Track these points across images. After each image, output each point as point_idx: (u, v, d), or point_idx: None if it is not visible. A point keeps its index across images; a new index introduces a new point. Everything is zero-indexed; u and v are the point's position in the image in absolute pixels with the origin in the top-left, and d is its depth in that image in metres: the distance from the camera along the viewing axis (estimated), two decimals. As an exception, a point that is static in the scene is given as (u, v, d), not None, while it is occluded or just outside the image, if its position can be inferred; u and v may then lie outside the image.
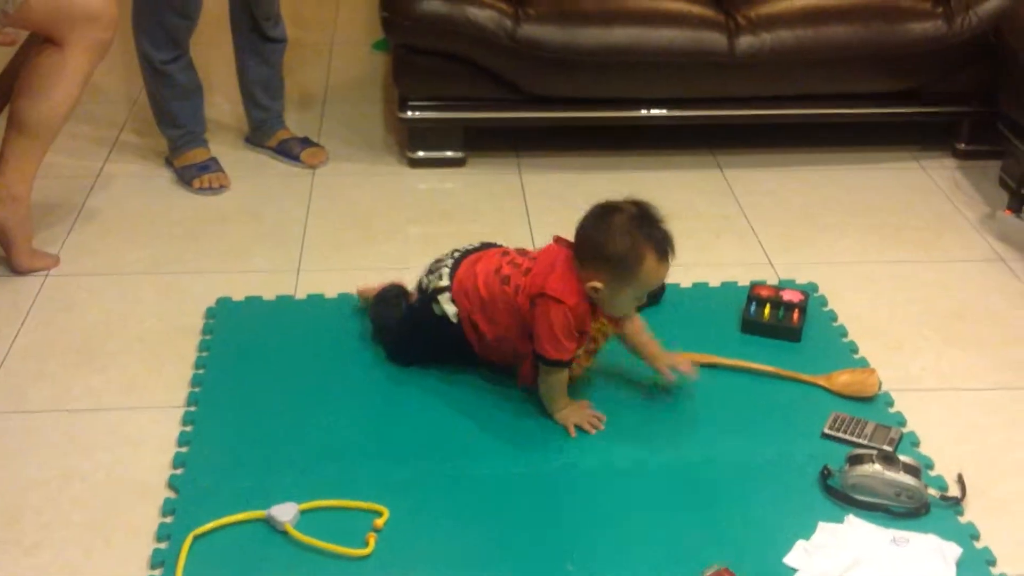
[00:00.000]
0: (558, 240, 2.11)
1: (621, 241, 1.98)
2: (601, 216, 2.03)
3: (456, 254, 2.22)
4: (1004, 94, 2.99)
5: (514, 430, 2.11)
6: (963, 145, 3.20)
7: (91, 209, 2.88)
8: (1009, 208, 2.91)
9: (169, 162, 3.07)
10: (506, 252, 2.19)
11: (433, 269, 2.22)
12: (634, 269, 1.99)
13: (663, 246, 2.01)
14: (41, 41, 2.50)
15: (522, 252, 2.19)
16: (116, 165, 3.11)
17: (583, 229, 2.04)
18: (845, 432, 2.09)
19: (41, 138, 2.53)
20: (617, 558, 1.84)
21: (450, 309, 2.15)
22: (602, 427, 2.11)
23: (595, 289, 2.01)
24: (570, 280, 2.03)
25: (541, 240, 2.76)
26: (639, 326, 2.18)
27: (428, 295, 2.19)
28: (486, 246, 2.26)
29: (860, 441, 2.07)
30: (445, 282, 2.16)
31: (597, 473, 2.02)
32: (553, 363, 2.06)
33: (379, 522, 1.88)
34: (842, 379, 2.24)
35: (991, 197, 3.01)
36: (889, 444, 2.05)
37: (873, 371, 2.25)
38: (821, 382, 2.24)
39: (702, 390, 2.22)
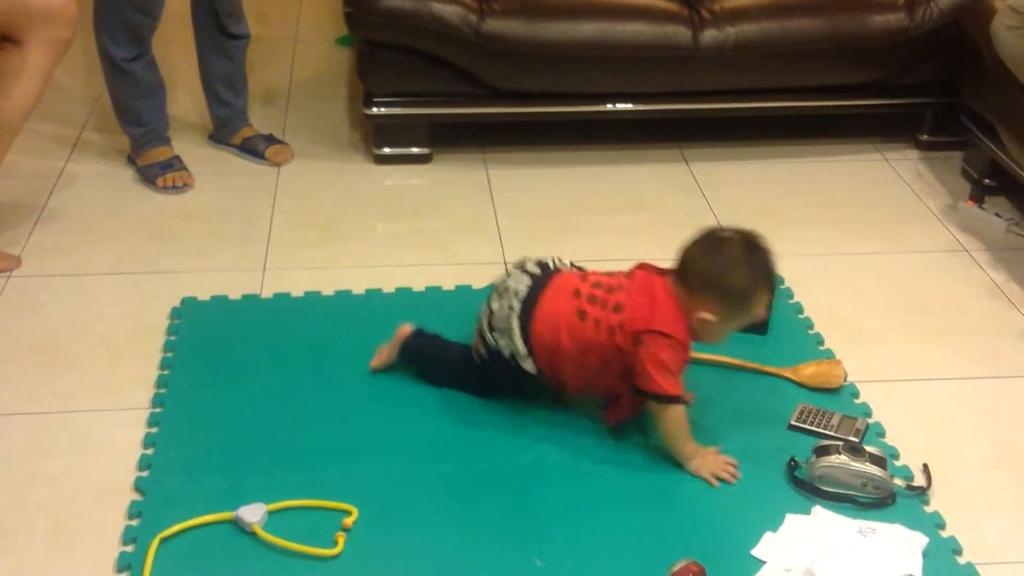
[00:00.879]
0: (645, 267, 2.05)
1: (741, 274, 1.93)
2: (714, 246, 1.96)
3: (516, 299, 2.03)
4: (966, 85, 3.02)
5: (482, 427, 2.11)
6: (926, 136, 3.22)
7: (53, 209, 2.85)
8: (971, 199, 2.93)
9: (132, 161, 3.04)
10: (576, 287, 2.03)
11: (497, 325, 2.05)
12: (750, 301, 1.96)
13: (775, 278, 1.99)
14: (0, 40, 2.47)
15: (596, 283, 2.04)
16: (78, 164, 3.08)
17: (695, 259, 1.96)
18: (812, 424, 2.10)
19: (1, 137, 2.50)
20: (585, 553, 1.84)
21: (532, 367, 2.03)
22: (739, 475, 2.00)
23: (702, 320, 1.95)
24: (676, 312, 1.95)
25: (509, 235, 2.77)
26: None
27: (504, 358, 2.05)
28: (540, 275, 2.07)
29: (826, 432, 2.08)
30: (521, 347, 2.02)
31: (564, 468, 2.02)
32: (671, 399, 1.96)
33: (348, 521, 1.87)
34: (808, 371, 2.25)
35: (954, 188, 3.03)
36: (855, 435, 2.07)
37: (839, 362, 2.26)
38: (787, 374, 2.25)
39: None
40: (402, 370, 2.24)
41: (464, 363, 2.15)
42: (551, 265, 2.11)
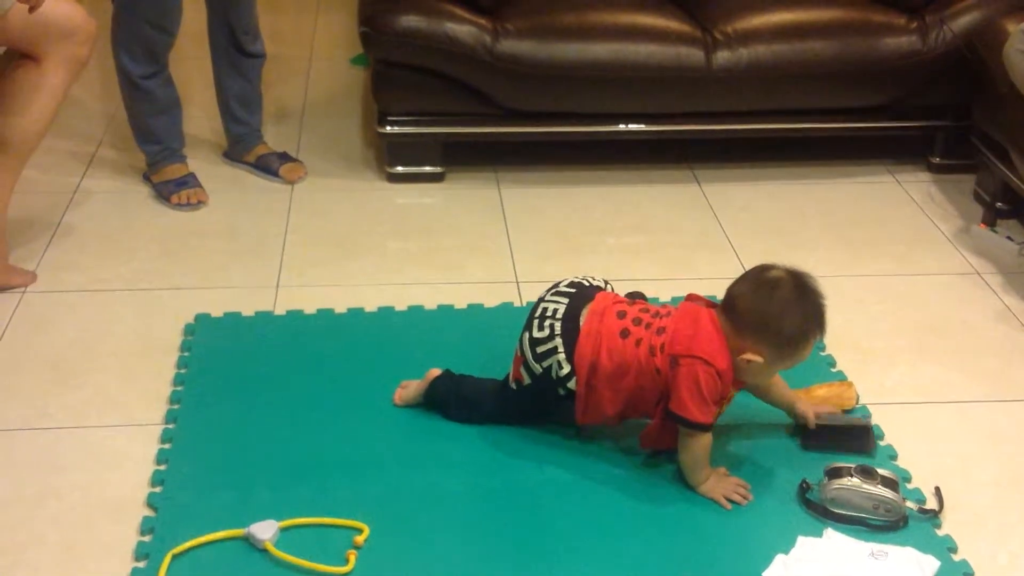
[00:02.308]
0: (694, 298, 2.03)
1: (793, 320, 1.90)
2: (765, 287, 1.92)
3: (557, 320, 2.02)
4: (978, 108, 3.02)
5: (492, 446, 2.11)
6: (938, 159, 3.23)
7: (68, 225, 2.87)
8: (984, 222, 2.93)
9: (147, 178, 3.06)
10: (621, 309, 2.02)
11: (539, 347, 2.02)
12: (799, 347, 1.94)
13: (825, 321, 1.94)
14: (18, 56, 2.49)
15: (643, 309, 2.03)
16: (94, 181, 3.10)
17: (745, 300, 1.92)
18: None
19: (18, 154, 2.52)
20: (594, 572, 1.84)
21: (573, 386, 2.01)
22: (751, 496, 2.00)
23: (750, 361, 1.92)
24: (719, 343, 1.93)
25: (521, 254, 2.77)
26: (778, 378, 2.12)
27: (551, 382, 2.02)
28: (584, 289, 2.07)
29: (837, 423, 2.12)
30: (566, 366, 2.00)
31: (575, 488, 2.02)
32: (698, 426, 1.94)
33: (359, 539, 1.87)
34: (820, 393, 2.25)
35: (966, 211, 3.03)
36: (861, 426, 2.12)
37: (851, 384, 2.26)
38: (800, 396, 2.25)
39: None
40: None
41: (500, 393, 2.13)
42: (585, 283, 2.11)
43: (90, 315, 2.51)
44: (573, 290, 2.08)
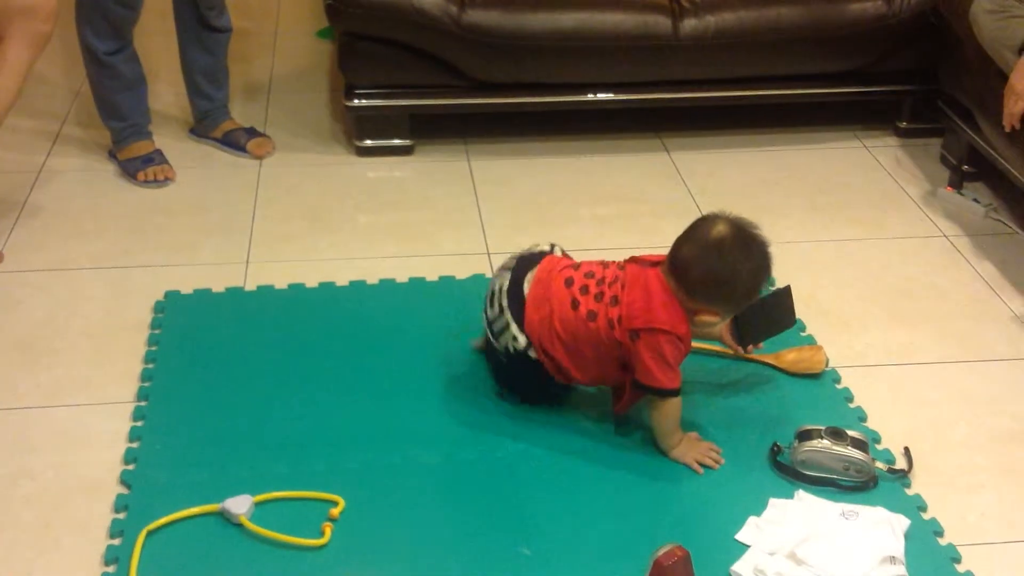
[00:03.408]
0: (636, 260, 2.02)
1: (745, 279, 1.91)
2: (712, 248, 1.91)
3: (503, 294, 2.03)
4: (944, 72, 3.04)
5: (466, 417, 2.12)
6: (905, 124, 3.24)
7: (34, 204, 2.85)
8: (950, 185, 2.96)
9: (113, 155, 3.03)
10: (568, 275, 2.02)
11: (494, 325, 2.05)
12: (752, 297, 1.96)
13: (771, 266, 1.95)
14: (-22, 34, 2.47)
15: (589, 273, 2.02)
16: (59, 159, 3.08)
17: (694, 263, 1.91)
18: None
19: (-19, 133, 2.50)
20: (571, 540, 1.85)
21: (534, 356, 2.02)
22: (723, 460, 2.01)
23: (705, 322, 1.95)
24: (674, 308, 1.93)
25: (492, 226, 2.77)
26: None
27: (516, 355, 2.03)
28: (527, 259, 2.08)
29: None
30: (522, 339, 2.01)
31: (549, 458, 2.03)
32: (668, 392, 1.96)
33: (335, 512, 1.88)
34: (790, 356, 2.27)
35: (933, 174, 3.05)
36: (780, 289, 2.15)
37: (820, 348, 2.28)
38: (769, 360, 2.27)
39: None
40: (388, 361, 2.24)
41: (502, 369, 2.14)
42: (532, 252, 2.11)
43: (59, 294, 2.49)
44: (514, 263, 2.08)
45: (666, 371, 1.95)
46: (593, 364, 2.03)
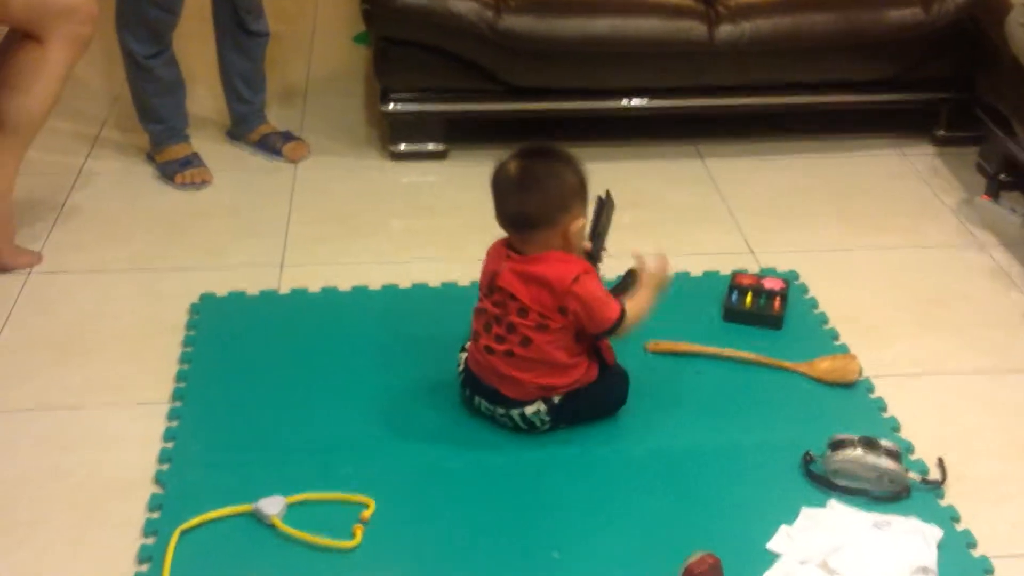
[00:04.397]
0: (503, 247, 2.04)
1: (564, 170, 1.98)
2: (523, 185, 1.97)
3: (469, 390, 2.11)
4: (981, 80, 3.02)
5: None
6: (941, 131, 3.22)
7: (73, 206, 2.88)
8: (987, 194, 2.93)
9: (151, 157, 3.06)
10: (476, 333, 2.08)
11: (496, 418, 2.10)
12: (583, 173, 2.01)
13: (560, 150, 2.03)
14: (21, 36, 2.49)
15: (479, 309, 2.08)
16: (98, 161, 3.11)
17: (530, 206, 1.96)
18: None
19: (22, 134, 2.52)
20: (601, 545, 1.85)
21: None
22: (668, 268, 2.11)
23: (577, 232, 1.99)
24: (560, 253, 1.98)
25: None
26: None
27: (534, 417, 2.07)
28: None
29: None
30: (529, 410, 2.05)
31: (580, 462, 2.03)
32: (619, 323, 2.00)
33: (366, 514, 1.89)
34: (823, 365, 2.26)
35: (969, 183, 3.03)
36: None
37: (854, 357, 2.27)
38: (803, 369, 2.26)
39: (683, 378, 2.24)
40: (419, 365, 2.25)
41: None
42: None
43: (96, 295, 2.52)
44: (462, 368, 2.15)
45: (605, 306, 1.98)
46: (572, 358, 2.04)
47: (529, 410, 2.05)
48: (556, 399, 2.05)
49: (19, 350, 2.33)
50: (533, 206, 1.97)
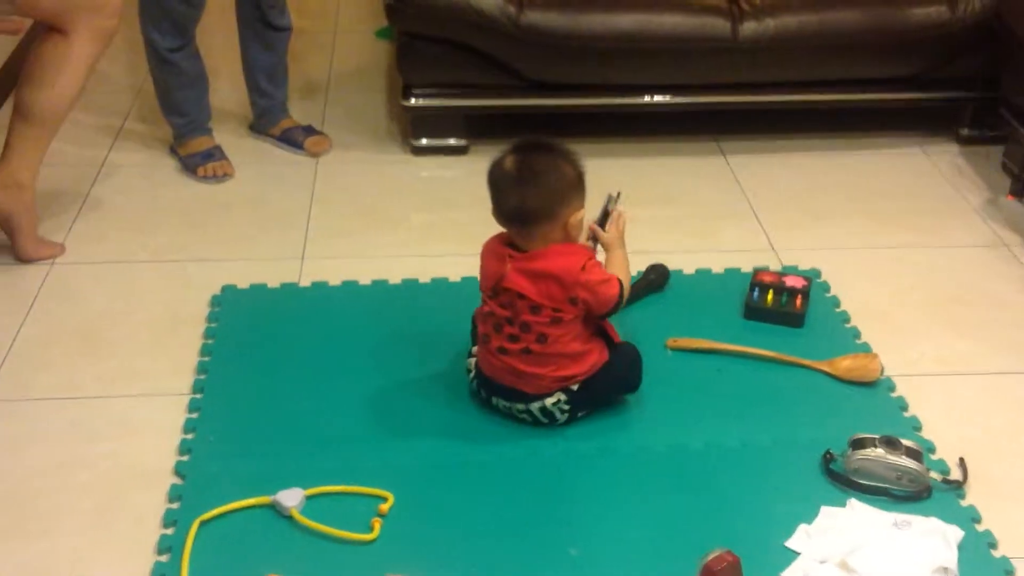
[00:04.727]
0: (501, 245, 2.05)
1: (563, 163, 1.98)
2: (521, 178, 1.97)
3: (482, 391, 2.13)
4: (1006, 79, 2.99)
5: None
6: (966, 130, 3.20)
7: (96, 197, 2.90)
8: (1011, 193, 2.91)
9: (173, 150, 3.07)
10: (486, 336, 2.08)
11: (515, 415, 2.11)
12: (581, 167, 2.01)
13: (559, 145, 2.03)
14: (46, 29, 2.51)
15: (486, 312, 2.06)
16: (121, 153, 3.12)
17: (530, 200, 1.96)
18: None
19: (46, 126, 2.54)
20: (619, 542, 1.85)
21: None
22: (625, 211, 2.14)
23: (577, 224, 2.00)
24: (563, 246, 2.00)
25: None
26: None
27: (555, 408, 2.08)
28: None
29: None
30: (548, 402, 2.06)
31: (599, 458, 2.03)
32: (620, 297, 2.02)
33: (384, 507, 1.89)
34: (845, 364, 2.24)
35: (994, 182, 3.01)
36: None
37: (875, 356, 2.26)
38: (824, 367, 2.25)
39: (703, 376, 2.24)
40: (439, 359, 2.25)
41: None
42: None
43: (118, 287, 2.53)
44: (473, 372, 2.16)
45: (608, 286, 2.00)
46: (585, 344, 2.05)
47: (549, 401, 2.05)
48: (575, 387, 2.05)
49: (41, 340, 2.34)
50: (533, 200, 1.97)
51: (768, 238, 2.75)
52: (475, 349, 2.15)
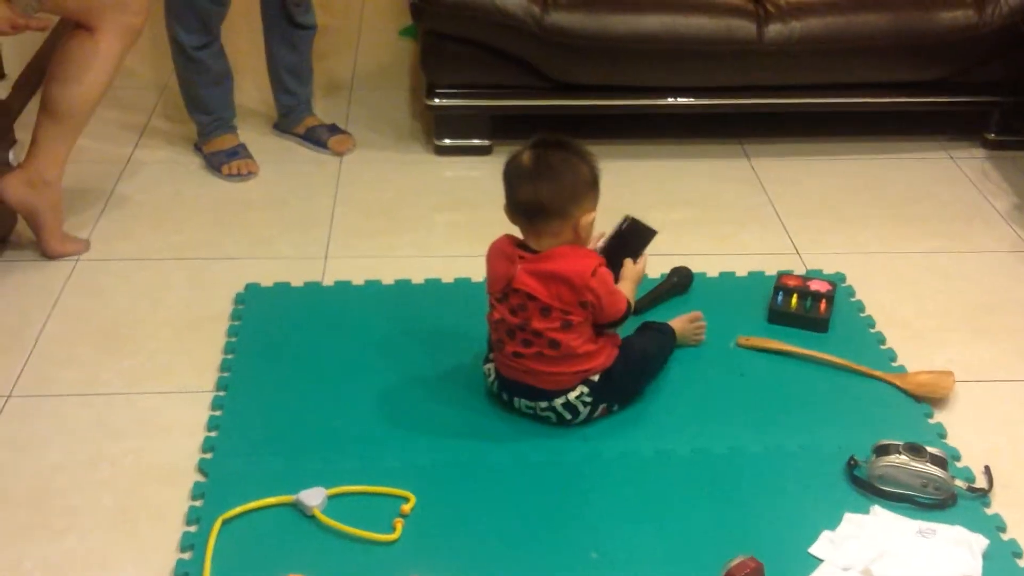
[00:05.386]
0: (511, 247, 2.04)
1: (576, 170, 1.98)
2: (537, 173, 1.97)
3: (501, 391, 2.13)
4: (1035, 84, 2.97)
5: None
6: (993, 135, 3.18)
7: (121, 194, 2.91)
8: (1039, 199, 2.89)
9: (198, 148, 3.08)
10: (500, 341, 2.08)
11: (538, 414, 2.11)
12: (596, 167, 2.02)
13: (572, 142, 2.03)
14: (73, 26, 2.52)
15: (497, 320, 2.07)
16: (146, 151, 3.13)
17: (543, 194, 1.95)
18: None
19: (72, 123, 2.55)
20: (641, 547, 1.84)
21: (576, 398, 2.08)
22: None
23: (588, 225, 2.00)
24: (574, 248, 2.01)
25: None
26: None
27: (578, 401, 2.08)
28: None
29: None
30: (572, 396, 2.06)
31: (621, 462, 2.02)
32: (626, 315, 2.05)
33: (406, 508, 1.89)
34: (919, 379, 2.20)
35: (1021, 187, 2.98)
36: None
37: (950, 373, 2.21)
38: (896, 381, 2.21)
39: (726, 380, 2.23)
40: (461, 360, 2.25)
41: None
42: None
43: (142, 283, 2.54)
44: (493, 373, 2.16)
45: (617, 299, 2.03)
46: (596, 344, 2.05)
47: (572, 395, 2.05)
48: (595, 378, 2.05)
49: (66, 337, 2.35)
50: (546, 195, 1.97)
51: (792, 242, 2.74)
52: (491, 355, 2.15)
